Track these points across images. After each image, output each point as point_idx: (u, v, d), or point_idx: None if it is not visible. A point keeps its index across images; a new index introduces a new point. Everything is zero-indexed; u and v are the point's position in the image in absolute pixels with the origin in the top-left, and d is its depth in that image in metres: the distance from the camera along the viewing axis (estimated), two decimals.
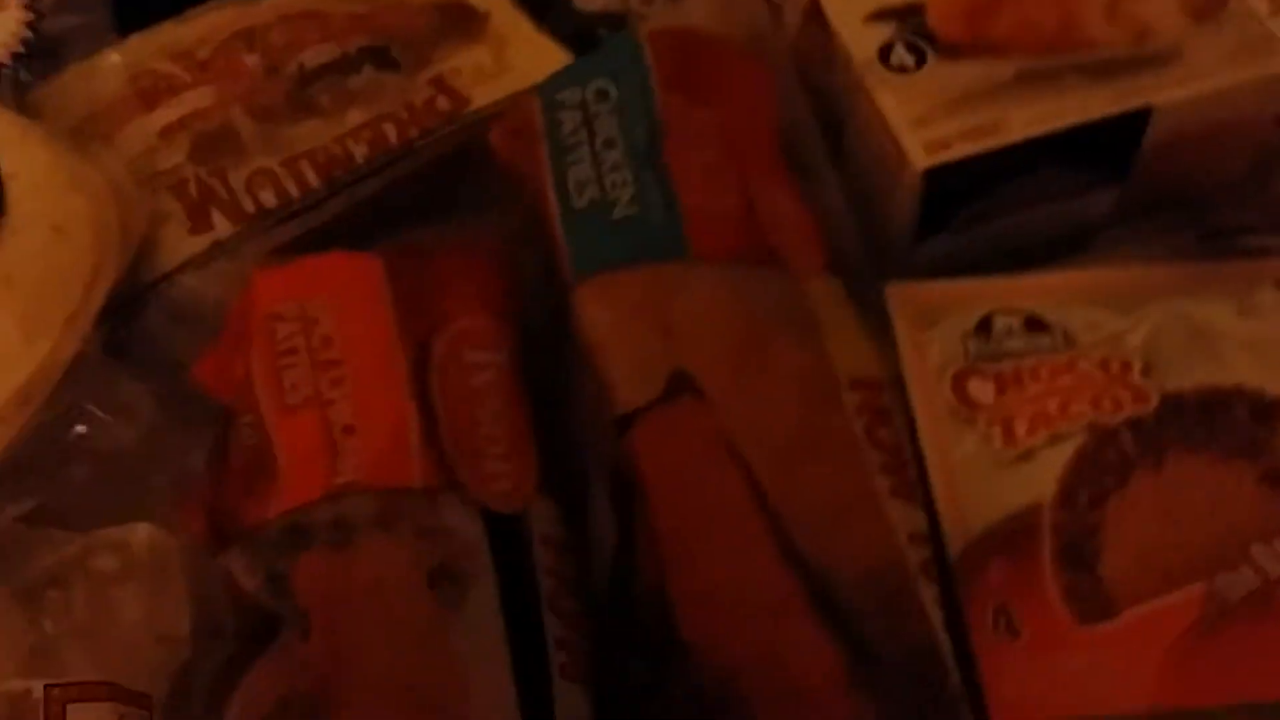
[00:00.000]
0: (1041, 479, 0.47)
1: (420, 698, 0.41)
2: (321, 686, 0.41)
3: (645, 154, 0.49)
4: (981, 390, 0.49)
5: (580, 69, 0.54)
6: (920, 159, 0.50)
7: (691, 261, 0.48)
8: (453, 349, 0.47)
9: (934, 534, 0.46)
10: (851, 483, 0.45)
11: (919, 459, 0.47)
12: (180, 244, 0.52)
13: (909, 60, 0.53)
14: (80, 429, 0.47)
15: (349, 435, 0.45)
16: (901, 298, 0.51)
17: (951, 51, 0.53)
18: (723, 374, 0.45)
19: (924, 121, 0.51)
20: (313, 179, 0.54)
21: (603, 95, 0.51)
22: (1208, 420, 0.48)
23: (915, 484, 0.46)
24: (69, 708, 0.42)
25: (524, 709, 0.41)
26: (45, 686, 0.42)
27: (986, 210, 0.53)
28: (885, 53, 0.53)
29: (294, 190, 0.54)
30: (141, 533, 0.46)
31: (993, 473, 0.47)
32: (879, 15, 0.54)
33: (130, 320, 0.49)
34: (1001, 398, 0.49)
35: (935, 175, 0.51)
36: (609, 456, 0.45)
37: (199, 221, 0.53)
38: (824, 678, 0.41)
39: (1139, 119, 0.51)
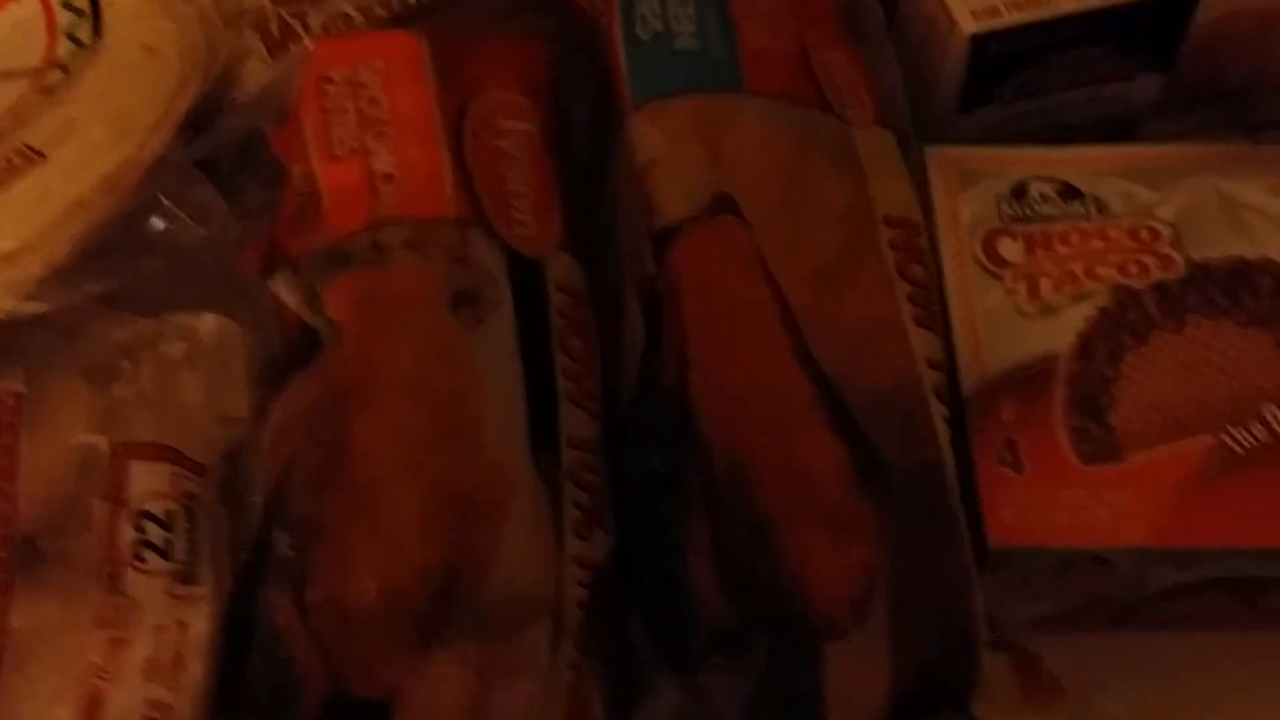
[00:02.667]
0: (1061, 332, 0.49)
1: (438, 398, 0.44)
2: (352, 385, 0.44)
3: None
4: (1011, 249, 0.51)
5: None
6: (969, 24, 0.52)
7: (745, 95, 0.50)
8: (485, 116, 0.50)
9: (950, 372, 0.48)
10: (878, 307, 0.47)
11: (943, 305, 0.49)
12: (260, 75, 0.55)
13: None
14: (158, 223, 0.50)
15: (388, 182, 0.48)
16: (941, 159, 0.53)
17: None
18: (764, 199, 0.48)
19: None
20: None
21: None
22: (1232, 289, 0.49)
23: (938, 318, 0.48)
24: (131, 464, 0.45)
25: (532, 418, 0.45)
26: (111, 442, 0.46)
27: (1032, 84, 0.55)
28: None
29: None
30: (208, 322, 0.49)
31: (1014, 323, 0.49)
32: None
33: (211, 133, 0.53)
34: (1030, 257, 0.51)
35: (982, 42, 0.52)
36: (645, 270, 0.47)
37: (278, 56, 0.56)
38: (830, 476, 0.43)
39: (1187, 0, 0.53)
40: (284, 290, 0.47)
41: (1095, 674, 0.48)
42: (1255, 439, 0.47)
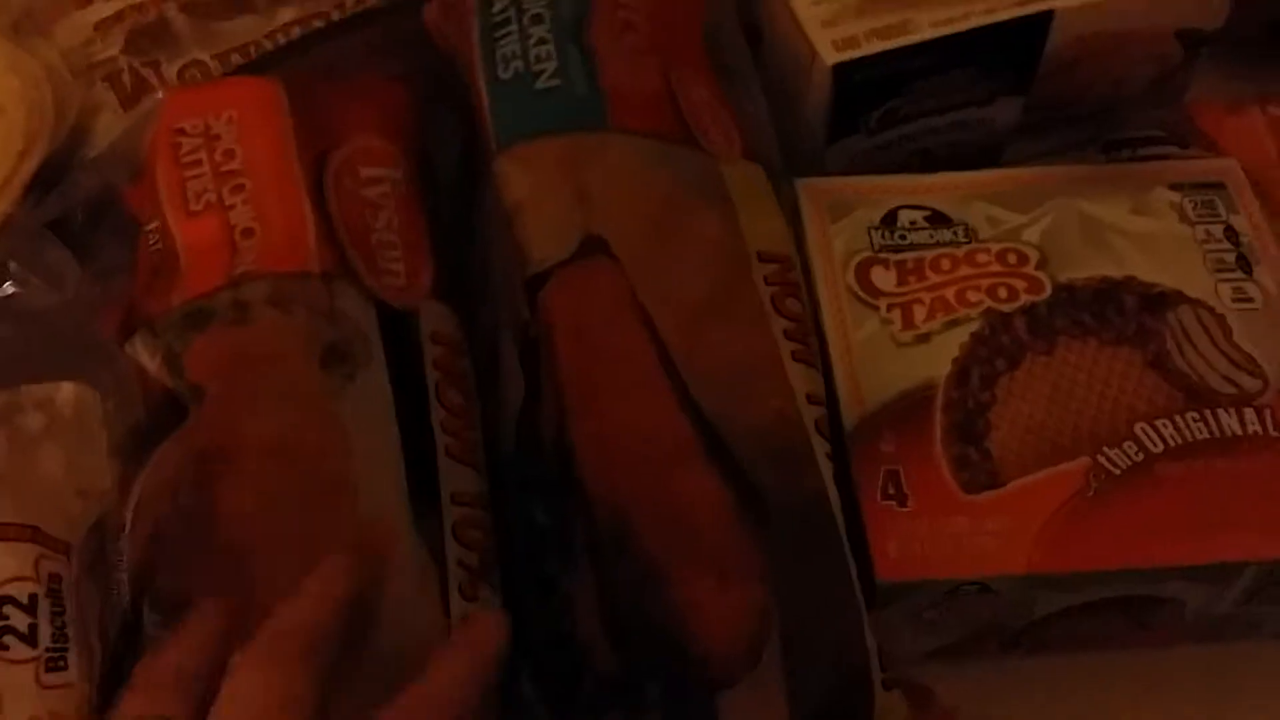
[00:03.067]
0: (937, 359, 0.49)
1: (307, 459, 0.43)
2: (216, 450, 0.43)
3: (571, 30, 0.52)
4: (884, 278, 0.51)
5: None
6: (830, 55, 0.53)
7: (610, 132, 0.50)
8: (348, 163, 0.50)
9: (830, 406, 0.48)
10: (756, 344, 0.46)
11: (821, 338, 0.49)
12: (113, 128, 0.54)
13: None
14: (8, 288, 0.49)
15: (248, 237, 0.47)
16: (811, 191, 0.53)
17: None
18: (635, 238, 0.47)
19: (834, 22, 0.53)
20: None
21: None
22: (1099, 309, 0.50)
23: (816, 352, 0.48)
24: None
25: (411, 476, 0.44)
26: None
27: (896, 112, 0.55)
28: None
29: None
30: (67, 391, 0.47)
31: (891, 353, 0.50)
32: None
33: (62, 192, 0.51)
34: (903, 285, 0.51)
35: (845, 71, 0.53)
36: (520, 316, 0.47)
37: (132, 108, 0.54)
38: (713, 517, 0.43)
39: (1040, 22, 0.53)
40: (143, 353, 0.45)
41: (990, 702, 0.48)
42: (1130, 459, 0.47)
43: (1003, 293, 0.51)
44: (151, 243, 0.48)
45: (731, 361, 0.46)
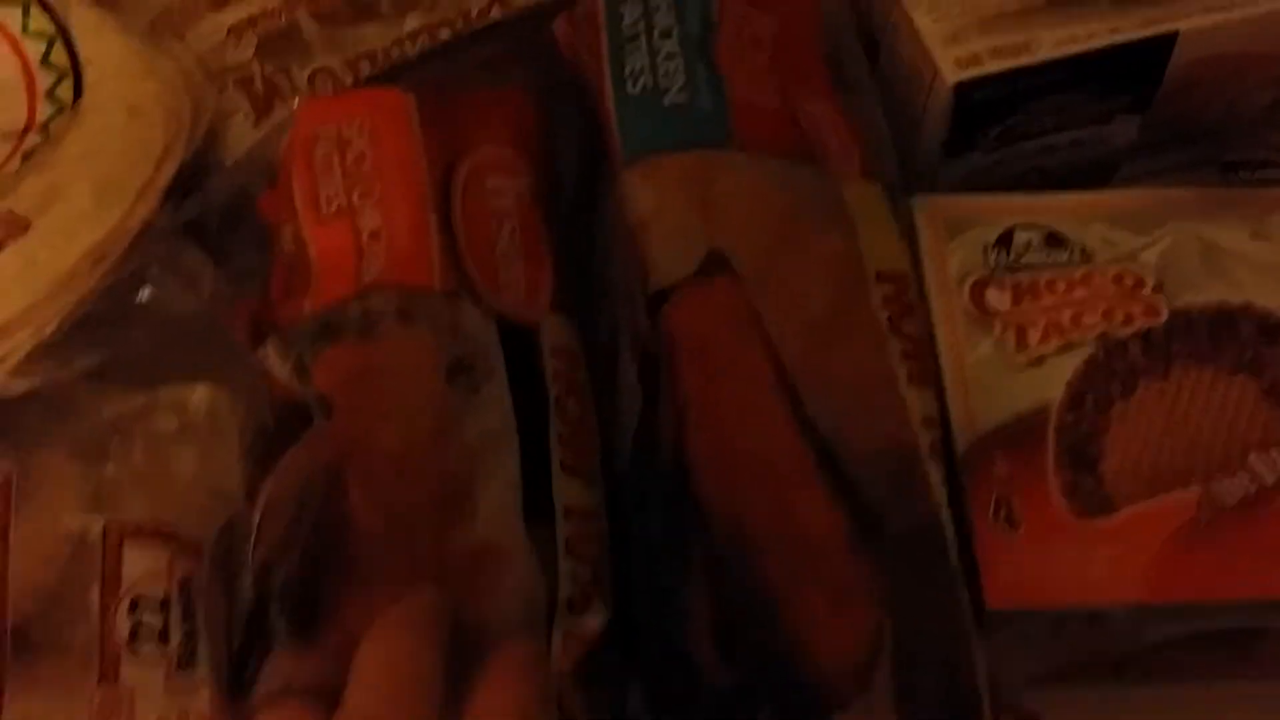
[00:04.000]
0: (1051, 383, 0.49)
1: (431, 474, 0.44)
2: (341, 461, 0.44)
3: (699, 46, 0.52)
4: (999, 299, 0.51)
5: None
6: (953, 73, 0.53)
7: (735, 150, 0.50)
8: (475, 173, 0.50)
9: (944, 427, 0.48)
10: (873, 365, 0.47)
11: (934, 359, 0.50)
12: (245, 135, 0.55)
13: None
14: (147, 292, 0.50)
15: (375, 240, 0.48)
16: (928, 209, 0.53)
17: None
18: (756, 256, 0.48)
19: (957, 38, 0.53)
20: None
21: None
22: (1215, 336, 0.50)
23: (932, 374, 0.48)
24: (125, 547, 0.45)
25: (528, 489, 0.44)
26: (104, 525, 0.45)
27: (1014, 130, 0.55)
28: None
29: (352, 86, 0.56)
30: (200, 393, 0.49)
31: (1004, 375, 0.50)
32: None
33: (199, 197, 0.52)
34: (1017, 306, 0.51)
35: (966, 89, 0.53)
36: (640, 330, 0.47)
37: (264, 114, 0.56)
38: (830, 540, 0.43)
39: (1164, 44, 0.53)
40: (274, 361, 0.47)
41: None
42: (1243, 489, 0.47)
43: (1118, 317, 0.50)
44: (285, 247, 0.49)
45: (849, 382, 0.46)
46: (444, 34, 0.57)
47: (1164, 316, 0.50)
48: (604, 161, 0.52)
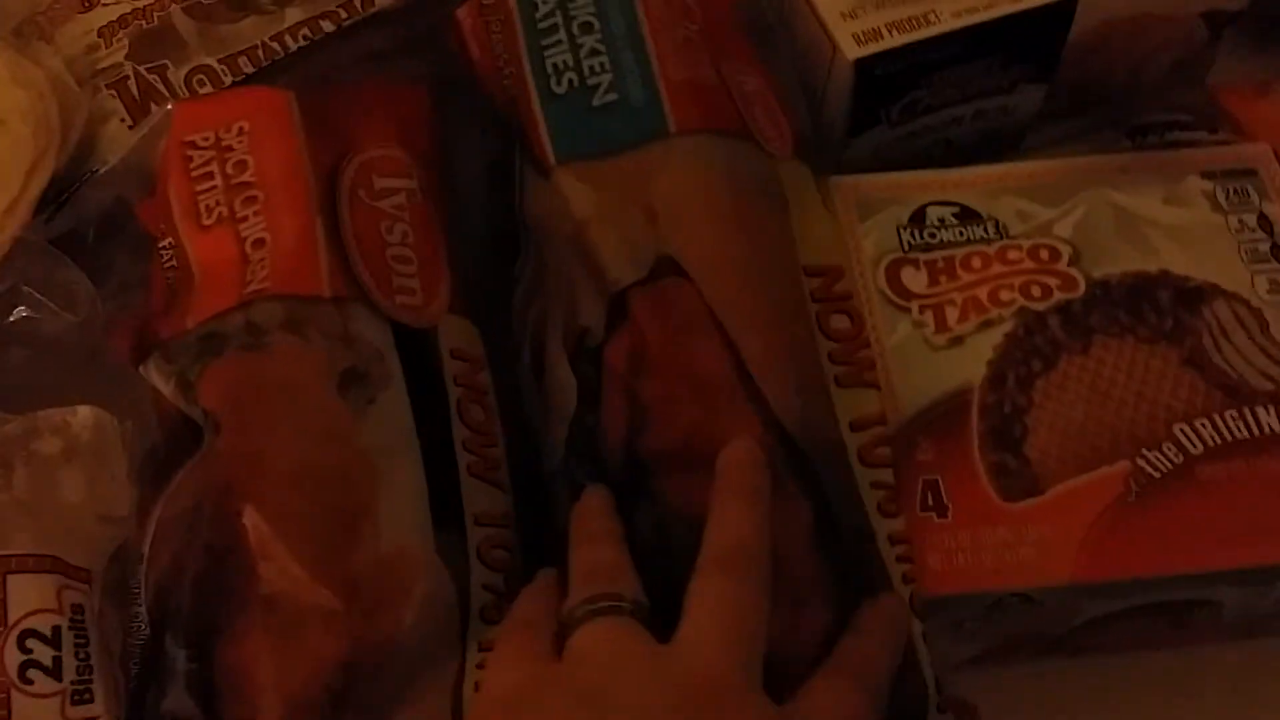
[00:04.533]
0: (972, 363, 0.48)
1: (328, 487, 0.42)
2: (233, 479, 0.42)
3: (624, 37, 0.50)
4: (915, 279, 0.50)
5: None
6: (852, 49, 0.51)
7: (672, 139, 0.48)
8: (362, 174, 0.48)
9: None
10: (812, 360, 0.46)
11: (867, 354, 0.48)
12: (121, 139, 0.53)
13: None
14: (21, 312, 0.47)
15: (259, 248, 0.46)
16: (840, 189, 0.52)
17: None
18: (704, 254, 0.46)
19: (854, 14, 0.52)
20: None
21: None
22: (1134, 306, 0.49)
23: (862, 373, 0.47)
24: (10, 578, 0.43)
25: (433, 497, 0.43)
26: None
27: (918, 103, 0.54)
28: None
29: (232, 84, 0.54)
30: (83, 415, 0.46)
31: (925, 358, 0.49)
32: None
33: (72, 208, 0.50)
34: (935, 286, 0.50)
35: (867, 65, 0.51)
36: (576, 328, 0.45)
37: (139, 117, 0.53)
38: (794, 535, 0.42)
39: (1064, 9, 0.52)
40: (157, 378, 0.44)
41: (1031, 707, 0.48)
42: (1170, 461, 0.46)
43: (1036, 291, 0.50)
44: (165, 259, 0.47)
45: (803, 377, 0.45)
46: (327, 26, 0.55)
47: (1082, 288, 0.50)
48: (523, 158, 0.50)
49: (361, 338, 0.45)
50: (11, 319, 0.47)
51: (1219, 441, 0.47)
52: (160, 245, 0.47)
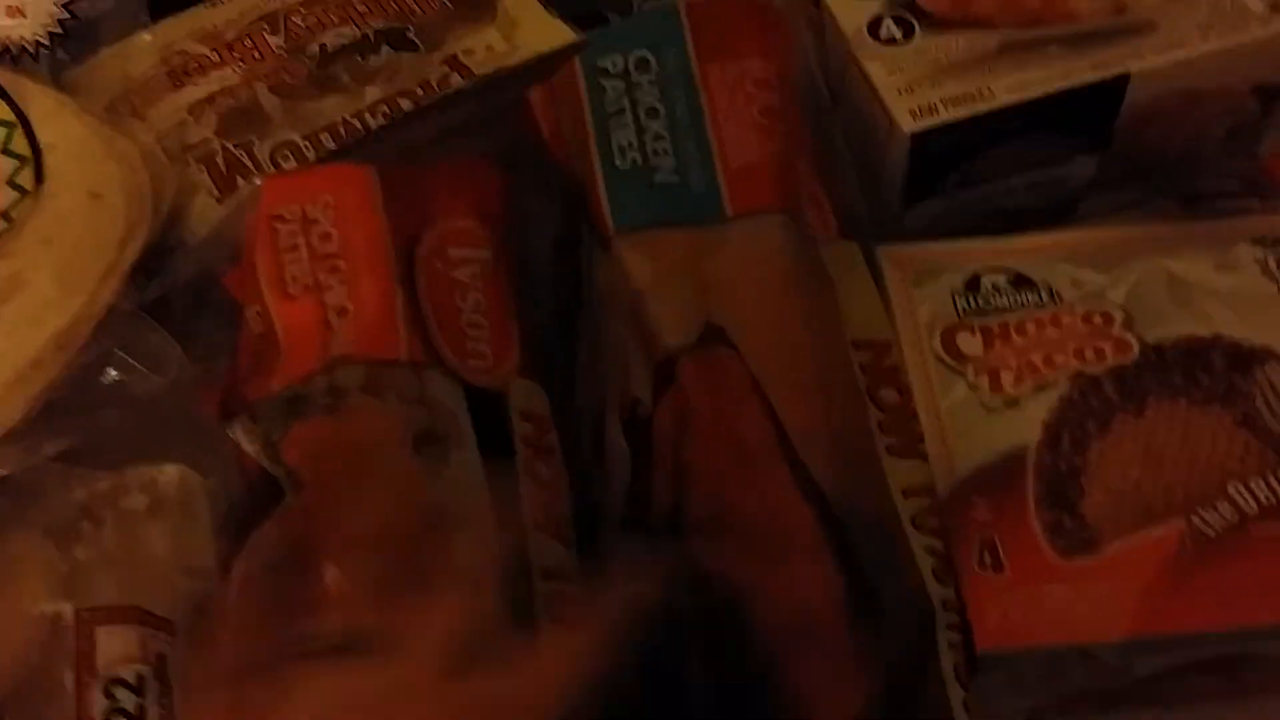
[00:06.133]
0: (1027, 424, 0.49)
1: (403, 544, 0.43)
2: (314, 538, 0.42)
3: (687, 126, 0.52)
4: (970, 344, 0.51)
5: (620, 36, 0.56)
6: (908, 123, 0.53)
7: (726, 223, 0.51)
8: (438, 245, 0.50)
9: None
10: (860, 433, 0.47)
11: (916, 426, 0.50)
12: (209, 212, 0.55)
13: (897, 33, 0.55)
14: (113, 375, 0.50)
15: (342, 316, 0.48)
16: (893, 258, 0.54)
17: (938, 24, 0.55)
18: (751, 327, 0.48)
19: (911, 89, 0.54)
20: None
21: (643, 65, 0.54)
22: (1187, 368, 0.50)
23: (912, 443, 0.48)
24: (98, 630, 0.44)
25: (503, 556, 0.44)
26: (76, 610, 0.44)
27: (973, 175, 0.56)
28: (874, 26, 0.56)
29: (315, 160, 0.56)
30: (170, 472, 0.48)
31: (980, 419, 0.50)
32: None
33: (163, 278, 0.52)
34: (989, 350, 0.51)
35: (922, 139, 0.53)
36: (629, 395, 0.47)
37: (227, 191, 0.56)
38: (827, 604, 0.43)
39: (1117, 86, 0.54)
40: (243, 437, 0.46)
41: None
42: (1224, 519, 0.47)
43: (1090, 355, 0.51)
44: (252, 325, 0.49)
45: (846, 447, 0.47)
46: (405, 104, 0.57)
47: (1135, 352, 0.51)
48: (588, 230, 0.52)
49: (436, 400, 0.46)
50: (104, 381, 0.49)
51: (1274, 501, 0.47)
52: (247, 312, 0.49)
